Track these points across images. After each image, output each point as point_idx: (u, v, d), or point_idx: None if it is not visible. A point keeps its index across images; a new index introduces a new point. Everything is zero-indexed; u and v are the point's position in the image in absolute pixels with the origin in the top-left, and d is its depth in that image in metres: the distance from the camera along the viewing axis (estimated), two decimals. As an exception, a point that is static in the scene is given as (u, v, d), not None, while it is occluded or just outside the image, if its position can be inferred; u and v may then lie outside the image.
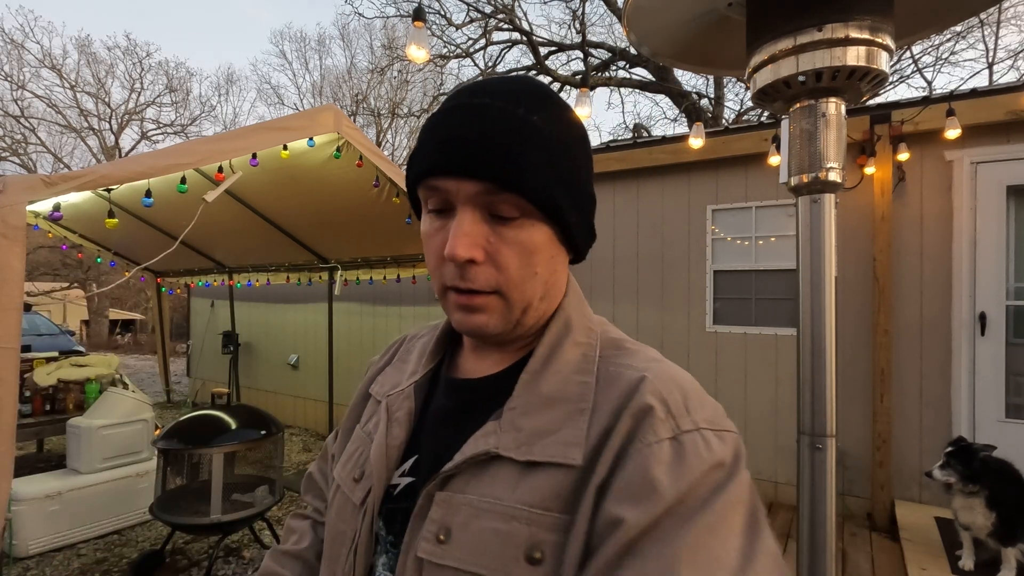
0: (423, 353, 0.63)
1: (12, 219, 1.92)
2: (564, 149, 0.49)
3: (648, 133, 11.07)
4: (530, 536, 0.43)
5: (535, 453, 0.46)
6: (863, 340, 3.37)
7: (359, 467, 0.57)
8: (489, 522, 0.44)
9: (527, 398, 0.50)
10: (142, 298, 18.74)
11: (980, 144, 3.12)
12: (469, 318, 0.50)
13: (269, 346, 6.59)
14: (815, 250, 1.03)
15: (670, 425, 0.44)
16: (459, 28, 10.92)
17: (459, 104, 0.48)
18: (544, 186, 0.47)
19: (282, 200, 4.11)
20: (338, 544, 0.56)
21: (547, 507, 0.44)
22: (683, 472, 0.41)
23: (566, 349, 0.52)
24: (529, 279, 0.49)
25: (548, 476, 0.45)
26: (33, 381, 3.64)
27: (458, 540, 0.45)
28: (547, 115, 0.49)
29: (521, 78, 0.52)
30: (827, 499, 1.02)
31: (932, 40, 9.88)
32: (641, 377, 0.47)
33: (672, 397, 0.46)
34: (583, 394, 0.49)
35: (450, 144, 0.46)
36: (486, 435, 0.48)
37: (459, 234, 0.47)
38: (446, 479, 0.48)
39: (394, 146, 18.15)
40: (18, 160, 16.11)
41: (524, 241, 0.48)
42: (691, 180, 3.99)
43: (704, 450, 0.43)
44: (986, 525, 2.28)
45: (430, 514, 0.47)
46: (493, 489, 0.46)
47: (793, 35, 0.94)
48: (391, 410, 0.58)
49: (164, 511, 2.64)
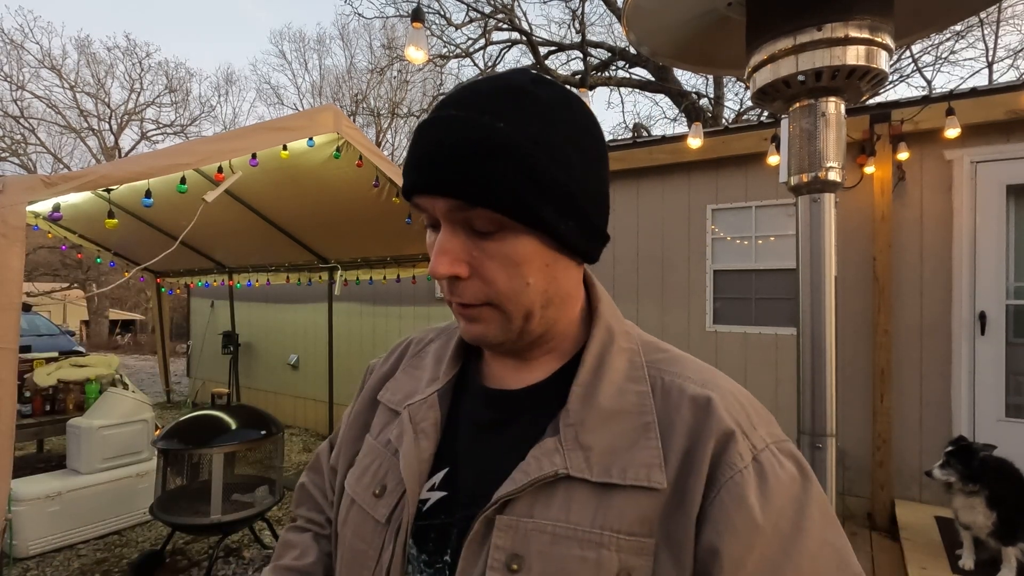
0: (440, 359, 0.60)
1: (12, 219, 1.92)
2: (545, 151, 0.45)
3: (648, 133, 11.07)
4: (621, 562, 0.42)
5: (613, 475, 0.45)
6: (863, 340, 3.36)
7: (378, 481, 0.54)
8: (572, 549, 0.43)
9: (585, 412, 0.48)
10: (142, 298, 18.74)
11: (980, 143, 3.12)
12: (469, 327, 0.50)
13: (269, 346, 6.59)
14: (815, 250, 1.03)
15: (748, 446, 0.45)
16: (458, 28, 10.93)
17: (430, 118, 0.47)
18: (517, 198, 0.43)
19: (282, 200, 4.11)
20: (358, 564, 0.53)
21: (633, 532, 0.43)
22: (769, 496, 0.43)
23: (614, 356, 0.51)
24: (521, 290, 0.47)
25: (631, 499, 0.44)
26: (33, 381, 3.64)
27: (536, 569, 0.43)
28: (521, 116, 0.45)
29: (502, 76, 0.48)
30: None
31: (932, 39, 9.88)
32: (708, 397, 0.47)
33: (742, 416, 0.47)
34: (643, 405, 0.48)
35: (423, 161, 0.45)
36: (548, 453, 0.46)
37: (440, 252, 0.46)
38: (506, 503, 0.46)
39: (394, 146, 18.15)
40: (18, 160, 16.12)
41: (508, 254, 0.46)
42: (691, 180, 3.99)
43: (779, 468, 0.45)
44: (986, 524, 2.28)
45: (493, 540, 0.45)
46: (569, 514, 0.44)
47: (793, 35, 0.94)
48: (415, 420, 0.55)
49: (164, 511, 2.64)
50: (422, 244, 4.30)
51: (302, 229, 4.71)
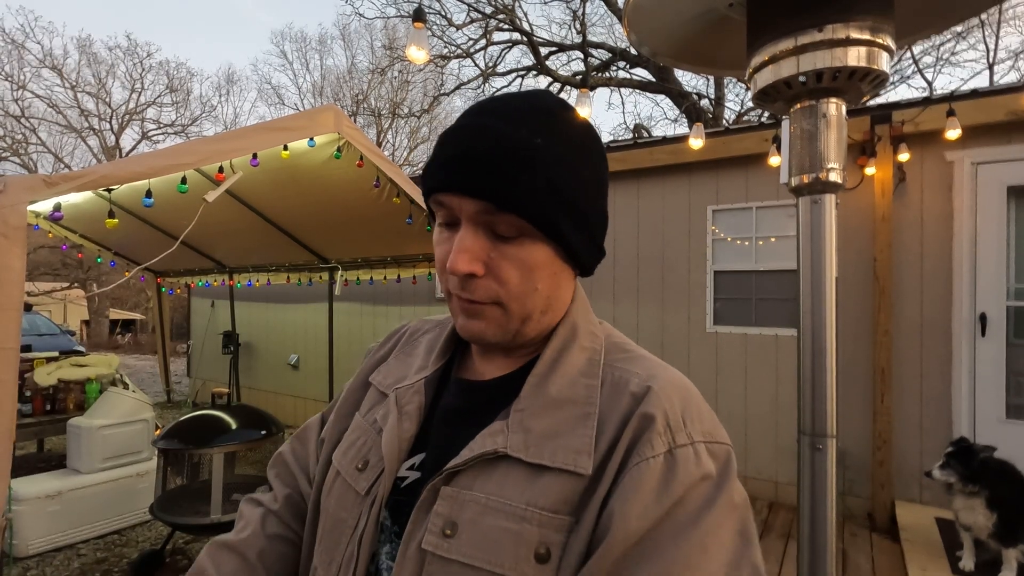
0: (431, 349, 0.64)
1: (12, 219, 1.92)
2: (568, 171, 0.50)
3: (648, 133, 11.07)
4: (540, 536, 0.45)
5: (544, 457, 0.47)
6: (863, 340, 3.36)
7: (362, 456, 0.58)
8: (500, 521, 0.46)
9: (534, 399, 0.51)
10: (142, 298, 18.75)
11: (981, 145, 3.12)
12: (469, 323, 0.52)
13: (269, 346, 6.60)
14: (815, 250, 1.03)
15: (666, 439, 0.46)
16: (459, 28, 10.93)
17: (467, 124, 0.50)
18: (543, 208, 0.48)
19: (282, 200, 4.11)
20: (337, 532, 0.56)
21: (556, 510, 0.46)
22: (672, 487, 0.44)
23: (573, 353, 0.54)
24: (530, 294, 0.51)
25: (558, 481, 0.46)
26: (33, 381, 3.64)
27: (466, 536, 0.46)
28: (552, 136, 0.49)
29: (533, 95, 0.53)
30: (827, 499, 1.02)
31: (933, 40, 9.89)
32: (647, 388, 0.49)
33: (672, 410, 0.48)
34: (589, 397, 0.50)
35: (455, 163, 0.48)
36: (494, 434, 0.50)
37: (460, 249, 0.49)
38: (452, 475, 0.50)
39: (394, 146, 18.16)
40: (19, 160, 16.14)
41: (524, 259, 0.50)
42: (691, 180, 3.99)
43: (694, 464, 0.45)
44: (987, 526, 2.28)
45: (435, 508, 0.49)
46: (503, 489, 0.47)
47: (794, 35, 0.93)
48: (401, 403, 0.59)
49: (164, 511, 2.64)
50: (422, 244, 4.30)
51: (302, 229, 4.71)
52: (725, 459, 0.47)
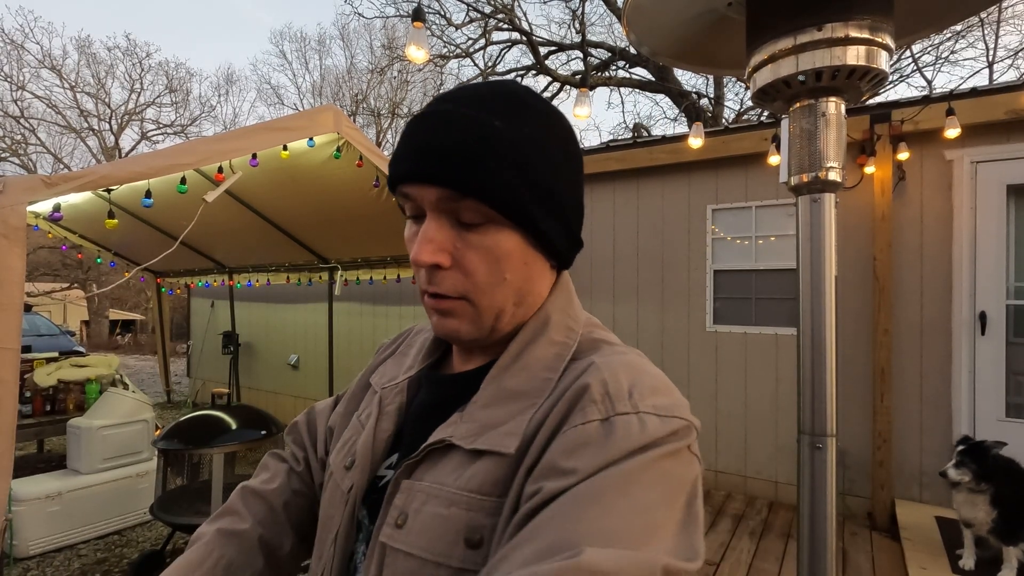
0: (421, 349, 0.64)
1: (12, 220, 1.92)
2: (537, 154, 0.48)
3: (648, 133, 11.07)
4: (469, 520, 0.44)
5: (479, 442, 0.47)
6: (863, 340, 3.36)
7: (350, 455, 0.58)
8: (435, 507, 0.46)
9: (490, 392, 0.50)
10: (142, 298, 18.74)
11: (980, 143, 3.12)
12: (442, 322, 0.51)
13: (269, 346, 6.60)
14: (815, 250, 1.03)
15: (604, 408, 0.43)
16: (459, 28, 10.92)
17: (427, 111, 0.49)
18: (508, 192, 0.46)
19: (282, 200, 4.11)
20: (326, 529, 0.57)
21: (485, 492, 0.45)
22: (605, 449, 0.40)
23: (539, 346, 0.52)
24: (498, 285, 0.49)
25: (488, 464, 0.46)
26: (33, 381, 3.64)
27: (410, 525, 0.46)
28: (518, 120, 0.48)
29: (498, 82, 0.52)
30: (827, 499, 1.02)
31: (932, 39, 9.88)
32: (590, 363, 0.47)
33: (616, 381, 0.44)
34: (543, 389, 0.49)
35: (414, 151, 0.47)
36: (447, 425, 0.50)
37: (424, 240, 0.48)
38: (410, 467, 0.50)
39: (394, 146, 18.13)
40: (18, 161, 16.13)
41: (491, 247, 0.48)
42: (691, 180, 3.99)
43: (637, 430, 0.41)
44: (987, 521, 2.28)
45: (394, 500, 0.49)
46: (443, 476, 0.47)
47: (793, 35, 0.93)
48: (383, 403, 0.59)
49: (164, 511, 2.64)
50: (422, 244, 4.30)
51: (302, 229, 4.71)
52: (680, 429, 0.43)
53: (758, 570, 2.72)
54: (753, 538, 3.08)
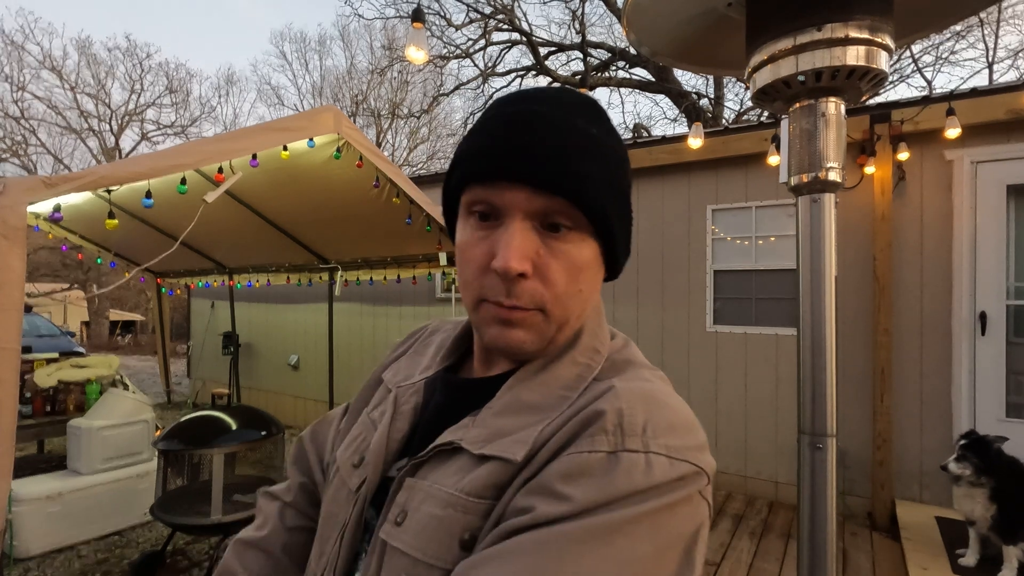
0: (439, 350, 0.63)
1: (12, 220, 1.92)
2: (619, 165, 0.49)
3: (648, 133, 11.07)
4: (464, 523, 0.44)
5: (488, 449, 0.46)
6: (863, 340, 3.36)
7: (359, 453, 0.57)
8: (432, 508, 0.45)
9: (506, 401, 0.49)
10: (142, 299, 18.74)
11: (980, 143, 3.12)
12: (506, 333, 0.48)
13: (269, 346, 6.60)
14: (815, 250, 1.03)
15: (614, 440, 0.41)
16: (459, 29, 10.92)
17: (513, 111, 0.47)
18: (601, 200, 0.46)
19: (282, 201, 4.11)
20: (329, 526, 0.56)
21: (481, 496, 0.44)
22: (604, 486, 0.39)
23: (562, 365, 0.50)
24: (574, 296, 0.48)
25: (490, 469, 0.45)
26: (33, 382, 3.64)
27: (408, 523, 0.46)
28: (604, 128, 0.48)
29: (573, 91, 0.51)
30: (827, 499, 1.02)
31: (932, 39, 9.89)
32: (609, 386, 0.46)
33: (631, 413, 0.42)
34: (558, 405, 0.48)
35: (506, 148, 0.45)
36: (457, 428, 0.49)
37: (511, 246, 0.45)
38: (416, 466, 0.49)
39: (394, 147, 18.16)
40: (18, 161, 16.13)
41: (574, 256, 0.47)
42: (691, 180, 3.99)
43: (641, 472, 0.39)
44: (985, 517, 2.28)
45: (396, 498, 0.49)
46: (445, 477, 0.46)
47: (793, 35, 0.93)
48: (399, 402, 0.58)
49: (165, 512, 2.64)
50: (422, 244, 4.30)
51: (302, 229, 4.71)
52: (687, 475, 0.41)
53: (758, 570, 2.72)
54: (753, 538, 3.08)
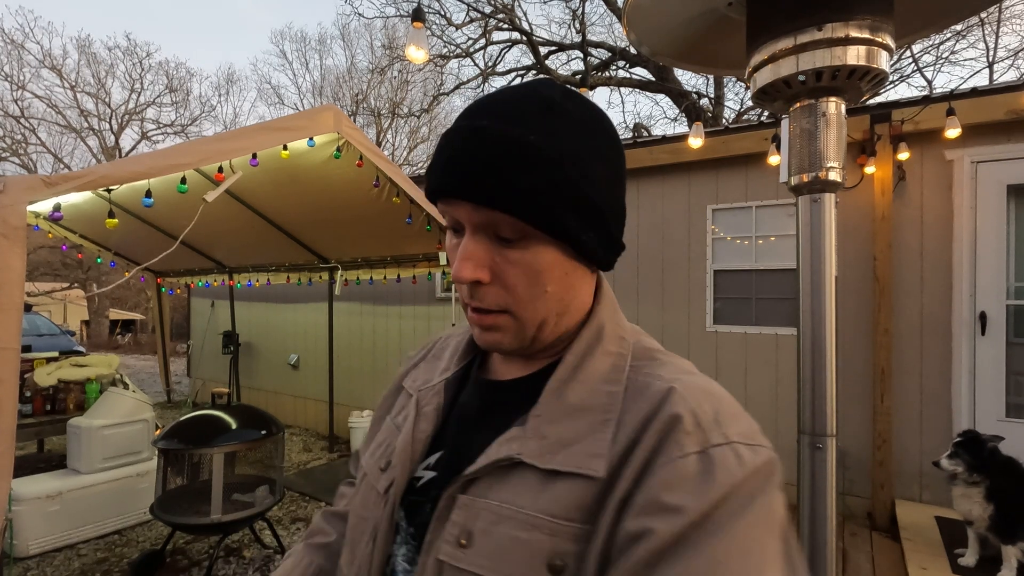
0: (456, 351, 0.65)
1: (12, 219, 1.91)
2: (573, 165, 0.47)
3: (648, 133, 11.08)
4: (552, 546, 0.43)
5: (557, 462, 0.46)
6: (863, 340, 3.36)
7: (385, 457, 0.59)
8: (511, 529, 0.45)
9: (552, 406, 0.50)
10: (142, 298, 18.74)
11: (980, 143, 3.12)
12: (484, 336, 0.52)
13: (269, 346, 6.60)
14: (815, 250, 1.03)
15: (698, 439, 0.43)
16: (459, 28, 10.92)
17: (461, 126, 0.48)
18: (543, 208, 0.45)
19: (282, 200, 4.11)
20: (359, 530, 0.57)
21: (569, 518, 0.44)
22: (710, 487, 0.40)
23: (596, 358, 0.52)
24: (539, 297, 0.49)
25: (570, 487, 0.45)
26: (33, 381, 3.64)
27: (480, 546, 0.45)
28: (551, 130, 0.46)
29: (530, 87, 0.50)
30: (827, 498, 1.02)
31: (932, 39, 9.88)
32: (670, 388, 0.47)
33: (702, 410, 0.45)
34: (610, 404, 0.48)
35: (449, 167, 0.47)
36: (510, 440, 0.49)
37: (463, 257, 0.48)
38: (468, 482, 0.49)
39: (394, 146, 18.16)
40: (18, 160, 16.12)
41: (529, 262, 0.48)
42: (691, 180, 3.99)
43: (735, 464, 0.41)
44: (983, 517, 2.28)
45: (452, 517, 0.48)
46: (515, 496, 0.46)
47: (793, 34, 0.93)
48: (420, 404, 0.59)
49: (164, 511, 2.64)
50: (422, 244, 4.30)
51: (302, 229, 4.71)
52: (770, 462, 0.43)
53: (758, 570, 2.72)
54: (753, 538, 3.07)
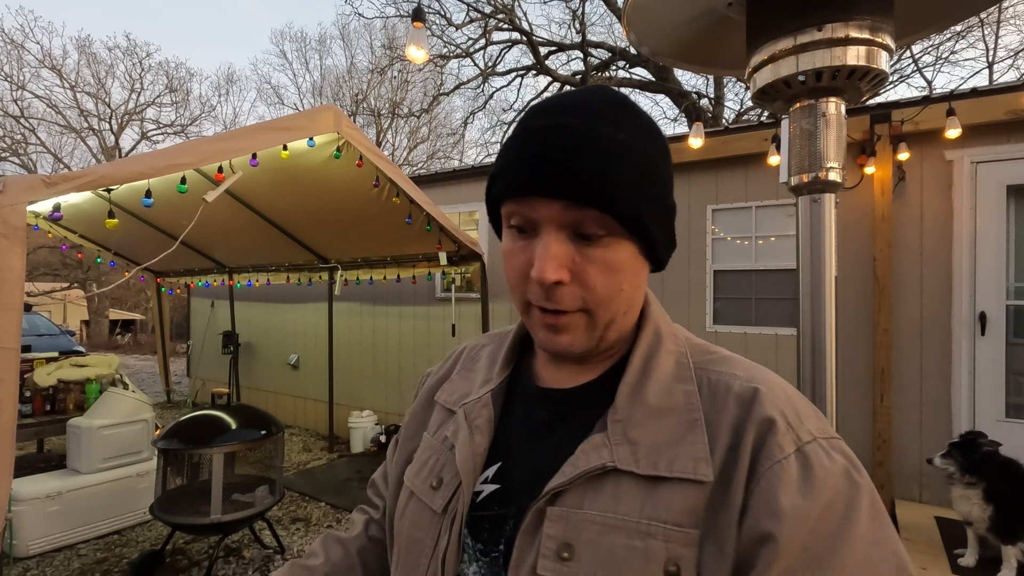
0: (493, 362, 0.63)
1: (12, 219, 1.91)
2: (650, 163, 0.49)
3: (648, 133, 11.04)
4: (668, 552, 0.43)
5: (660, 468, 0.46)
6: (863, 340, 3.36)
7: (436, 475, 0.57)
8: (621, 539, 0.44)
9: (632, 409, 0.50)
10: (142, 298, 18.74)
11: (980, 144, 3.12)
12: (555, 338, 0.51)
13: (269, 346, 6.60)
14: (815, 250, 1.03)
15: (791, 438, 0.45)
16: (459, 28, 10.92)
17: (543, 125, 0.48)
18: (631, 204, 0.47)
19: (282, 200, 4.11)
20: (415, 553, 0.55)
21: (680, 523, 0.44)
22: (814, 489, 0.42)
23: (662, 357, 0.53)
24: (615, 296, 0.50)
25: (678, 492, 0.45)
26: (33, 381, 3.64)
27: (586, 558, 0.45)
28: (632, 129, 0.48)
29: (600, 91, 0.51)
30: (827, 499, 1.02)
31: (932, 39, 9.88)
32: (755, 389, 0.48)
33: (788, 409, 0.47)
34: (690, 404, 0.49)
35: (536, 164, 0.47)
36: (596, 448, 0.48)
37: (546, 256, 0.47)
38: (556, 495, 0.48)
39: (394, 146, 18.15)
40: (18, 160, 16.10)
41: (610, 260, 0.48)
42: (691, 180, 3.99)
43: (827, 460, 0.44)
44: (982, 517, 2.29)
45: (544, 530, 0.47)
46: (617, 505, 0.46)
47: (793, 35, 0.93)
48: (470, 418, 0.58)
49: (164, 511, 2.64)
50: (422, 244, 4.30)
51: (302, 229, 4.71)
52: (850, 455, 0.46)
53: (758, 570, 2.72)
54: (753, 538, 3.08)
